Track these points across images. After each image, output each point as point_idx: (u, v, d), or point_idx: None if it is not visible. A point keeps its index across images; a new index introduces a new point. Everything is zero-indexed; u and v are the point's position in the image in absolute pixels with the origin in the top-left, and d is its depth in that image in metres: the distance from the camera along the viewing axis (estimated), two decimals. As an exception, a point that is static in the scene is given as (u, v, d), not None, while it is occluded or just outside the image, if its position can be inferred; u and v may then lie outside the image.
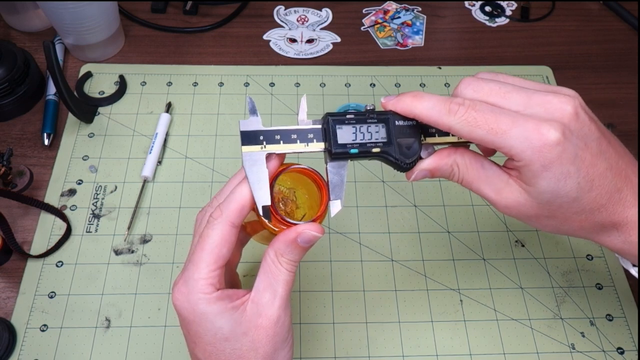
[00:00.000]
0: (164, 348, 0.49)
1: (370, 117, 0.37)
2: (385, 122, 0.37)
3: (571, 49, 0.74)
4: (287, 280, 0.36)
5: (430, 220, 0.57)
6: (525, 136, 0.32)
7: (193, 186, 0.58)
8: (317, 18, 0.75)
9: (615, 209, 0.36)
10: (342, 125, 0.36)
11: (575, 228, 0.37)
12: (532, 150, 0.33)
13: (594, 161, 0.34)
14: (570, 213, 0.35)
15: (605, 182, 0.34)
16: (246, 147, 0.35)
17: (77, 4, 0.60)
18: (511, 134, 0.33)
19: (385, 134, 0.37)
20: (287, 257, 0.36)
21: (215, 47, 0.71)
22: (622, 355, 0.50)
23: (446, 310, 0.52)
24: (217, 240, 0.34)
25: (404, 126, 0.37)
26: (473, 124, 0.33)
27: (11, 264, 0.53)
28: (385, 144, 0.36)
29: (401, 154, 0.37)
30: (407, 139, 0.37)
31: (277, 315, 0.35)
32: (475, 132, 0.34)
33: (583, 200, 0.34)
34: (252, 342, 0.35)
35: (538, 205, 0.35)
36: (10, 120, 0.63)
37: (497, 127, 0.33)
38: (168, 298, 0.51)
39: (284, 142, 0.36)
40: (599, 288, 0.54)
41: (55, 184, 0.58)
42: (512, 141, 0.33)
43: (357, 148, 0.36)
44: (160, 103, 0.65)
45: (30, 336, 0.49)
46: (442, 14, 0.77)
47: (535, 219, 0.37)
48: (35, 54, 0.67)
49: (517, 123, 0.33)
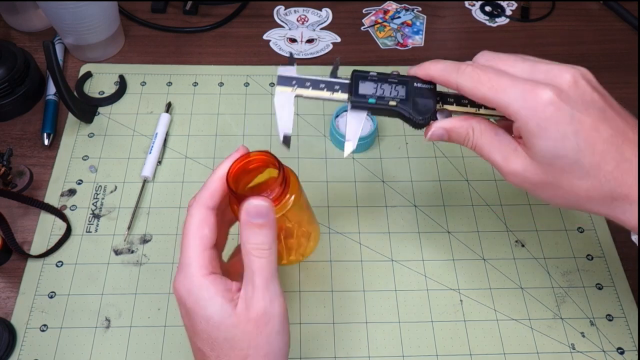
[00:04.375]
0: (164, 348, 0.49)
1: (392, 78, 0.42)
2: (405, 84, 0.41)
3: (571, 49, 0.74)
4: (261, 268, 0.35)
5: (430, 220, 0.57)
6: (522, 95, 0.35)
7: (193, 186, 0.58)
8: (317, 18, 0.75)
9: (624, 179, 0.35)
10: (365, 80, 0.42)
11: (583, 198, 0.36)
12: (527, 109, 0.35)
13: (595, 125, 0.35)
14: (574, 178, 0.36)
15: (611, 148, 0.35)
16: (280, 87, 0.41)
17: (77, 4, 0.60)
18: (509, 92, 0.35)
19: (404, 93, 0.41)
20: (251, 243, 0.36)
21: (215, 47, 0.71)
22: (622, 355, 0.50)
23: (446, 310, 0.52)
24: (196, 222, 0.37)
25: (422, 88, 0.41)
26: (477, 81, 0.37)
27: (11, 264, 0.53)
28: (403, 100, 0.41)
29: (415, 111, 0.41)
30: (423, 99, 0.41)
31: (262, 307, 0.35)
32: (478, 89, 0.37)
33: (585, 163, 0.35)
34: (243, 334, 0.35)
35: (542, 170, 0.36)
36: (10, 120, 0.63)
37: (497, 85, 0.36)
38: (168, 298, 0.51)
39: (312, 89, 0.41)
40: (599, 288, 0.54)
41: (55, 184, 0.58)
42: (509, 99, 0.35)
43: (375, 99, 0.41)
44: (160, 103, 0.65)
45: (30, 336, 0.49)
46: (442, 14, 0.77)
47: (542, 187, 0.37)
48: (35, 54, 0.67)
49: (515, 83, 0.36)
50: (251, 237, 0.36)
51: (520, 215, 0.58)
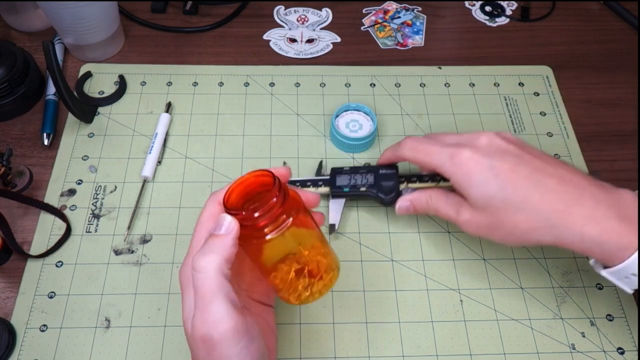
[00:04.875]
0: (164, 348, 0.49)
1: (362, 169, 0.54)
2: (373, 172, 0.53)
3: (571, 49, 0.74)
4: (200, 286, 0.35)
5: (430, 220, 0.57)
6: (448, 157, 0.44)
7: (193, 186, 0.58)
8: (317, 18, 0.75)
9: (555, 206, 0.41)
10: (341, 174, 0.54)
11: (527, 230, 0.42)
12: (453, 167, 0.44)
13: (512, 168, 0.42)
14: (510, 214, 0.42)
15: (531, 183, 0.41)
16: None
17: (76, 4, 0.60)
18: (439, 155, 0.45)
19: (372, 180, 0.53)
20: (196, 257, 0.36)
21: (215, 47, 0.71)
22: (623, 355, 0.50)
23: (446, 310, 0.52)
24: (207, 215, 0.39)
25: (386, 173, 0.53)
26: (414, 150, 0.47)
27: (11, 264, 0.53)
28: (371, 185, 0.53)
29: (382, 192, 0.52)
30: (387, 181, 0.52)
31: (204, 331, 0.34)
32: (416, 157, 0.47)
33: (512, 199, 0.41)
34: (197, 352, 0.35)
35: (484, 214, 0.43)
36: (9, 120, 0.63)
37: (429, 151, 0.46)
38: (168, 298, 0.51)
39: (301, 187, 0.54)
40: (599, 288, 0.54)
41: (55, 184, 0.58)
42: (439, 161, 0.45)
43: (349, 188, 0.53)
44: (160, 103, 0.65)
45: (30, 336, 0.49)
46: (442, 14, 0.77)
47: (492, 229, 0.43)
48: (35, 54, 0.67)
49: (442, 148, 0.45)
50: (200, 252, 0.36)
51: (520, 215, 0.58)
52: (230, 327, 0.34)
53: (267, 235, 0.37)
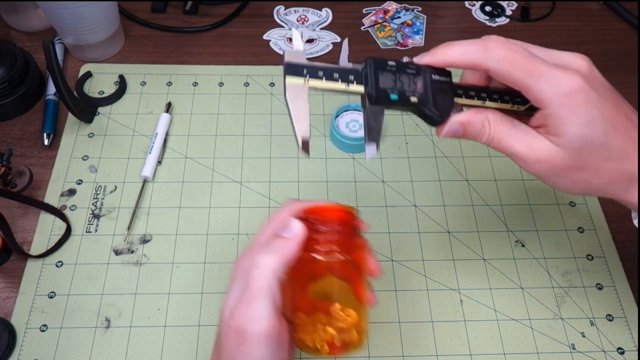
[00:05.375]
0: (164, 348, 0.49)
1: (409, 68, 0.38)
2: (423, 75, 0.38)
3: (571, 49, 0.73)
4: (256, 279, 0.35)
5: (430, 220, 0.57)
6: (556, 82, 0.34)
7: (193, 186, 0.58)
8: (317, 18, 0.75)
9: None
10: (384, 71, 0.37)
11: (606, 181, 0.37)
12: (560, 96, 0.34)
13: (615, 109, 0.36)
14: (600, 161, 0.36)
15: (630, 128, 0.36)
16: (290, 78, 0.35)
17: (76, 4, 0.60)
18: (544, 78, 0.35)
19: (422, 86, 0.37)
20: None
21: (215, 47, 0.71)
22: (623, 355, 0.50)
23: (446, 310, 0.52)
24: (280, 219, 0.38)
25: (439, 81, 0.38)
26: (512, 63, 0.35)
27: (11, 264, 0.53)
28: (422, 95, 0.37)
29: (435, 107, 0.37)
30: (441, 94, 0.38)
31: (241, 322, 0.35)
32: (511, 73, 0.35)
33: (611, 146, 0.35)
34: (226, 338, 0.35)
35: (569, 155, 0.36)
36: (10, 120, 0.63)
37: (534, 69, 0.35)
38: (168, 298, 0.51)
39: (326, 79, 0.37)
40: (599, 288, 0.54)
41: (55, 184, 0.58)
42: (544, 85, 0.35)
43: (397, 94, 0.37)
44: (160, 103, 0.65)
45: (30, 336, 0.49)
46: (442, 14, 0.77)
47: (567, 173, 0.37)
48: (35, 54, 0.67)
49: (550, 69, 0.35)
50: (264, 249, 0.36)
51: (520, 215, 0.58)
52: (266, 328, 0.34)
53: (315, 253, 0.36)
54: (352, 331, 0.37)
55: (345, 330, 0.36)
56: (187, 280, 0.52)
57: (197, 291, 0.52)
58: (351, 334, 0.37)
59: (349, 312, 0.37)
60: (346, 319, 0.36)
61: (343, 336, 0.36)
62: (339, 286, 0.37)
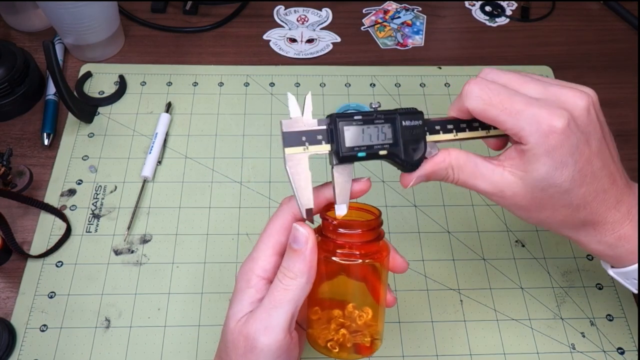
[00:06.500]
0: (164, 348, 0.49)
1: (378, 118, 0.36)
2: (392, 122, 0.36)
3: (571, 49, 0.74)
4: (274, 290, 0.35)
5: (430, 220, 0.57)
6: (536, 120, 0.34)
7: (193, 186, 0.58)
8: (317, 18, 0.75)
9: (598, 209, 0.37)
10: (350, 126, 0.35)
11: (559, 222, 0.38)
12: (539, 134, 0.34)
13: (591, 158, 0.35)
14: (559, 205, 0.36)
15: (595, 180, 0.36)
16: (289, 149, 0.35)
17: (76, 4, 0.60)
18: (523, 115, 0.34)
19: (391, 135, 0.36)
20: (282, 264, 0.35)
21: (215, 47, 0.71)
22: (623, 355, 0.50)
23: (446, 310, 0.52)
24: (279, 225, 0.37)
25: (410, 127, 0.36)
26: (488, 103, 0.35)
27: (11, 264, 0.53)
28: (392, 145, 0.36)
29: (407, 155, 0.36)
30: (412, 140, 0.36)
31: (253, 329, 0.34)
32: (489, 112, 0.35)
33: (573, 194, 0.36)
34: (233, 345, 0.35)
35: (532, 194, 0.36)
36: (10, 120, 0.63)
37: (511, 107, 0.34)
38: (168, 298, 0.51)
39: (325, 142, 0.36)
40: (599, 288, 0.54)
41: (55, 184, 0.58)
42: (523, 123, 0.34)
43: (365, 151, 0.35)
44: (160, 103, 0.65)
45: (30, 336, 0.49)
46: (442, 14, 0.77)
47: (526, 210, 0.38)
48: (35, 54, 0.67)
49: (530, 106, 0.34)
50: (284, 259, 0.35)
51: (520, 215, 0.58)
52: (277, 340, 0.34)
53: (334, 257, 0.36)
54: (365, 335, 0.36)
55: (358, 333, 0.36)
56: (187, 280, 0.52)
57: (197, 291, 0.52)
58: (364, 338, 0.36)
59: (365, 311, 0.36)
60: (361, 316, 0.36)
61: (356, 339, 0.36)
62: (355, 287, 0.36)
